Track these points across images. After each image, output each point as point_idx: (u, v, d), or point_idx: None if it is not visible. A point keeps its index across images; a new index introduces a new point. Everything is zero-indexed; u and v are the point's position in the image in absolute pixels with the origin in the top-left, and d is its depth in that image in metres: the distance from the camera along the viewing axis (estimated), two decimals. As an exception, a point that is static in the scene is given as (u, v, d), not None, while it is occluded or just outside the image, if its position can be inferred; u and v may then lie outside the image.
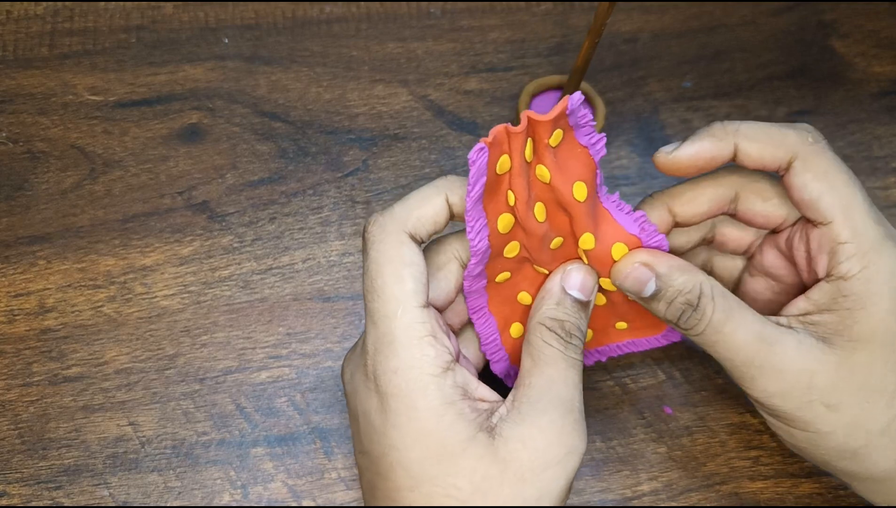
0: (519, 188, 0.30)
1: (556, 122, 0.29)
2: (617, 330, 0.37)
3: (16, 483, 0.38)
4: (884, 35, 0.50)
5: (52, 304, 0.41)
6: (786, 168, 0.31)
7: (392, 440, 0.28)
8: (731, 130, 0.31)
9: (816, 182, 0.30)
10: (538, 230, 0.31)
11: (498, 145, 0.29)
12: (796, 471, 0.39)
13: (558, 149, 0.30)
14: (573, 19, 0.50)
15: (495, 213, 0.31)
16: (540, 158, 0.30)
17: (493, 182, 0.30)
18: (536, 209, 0.31)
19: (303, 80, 0.47)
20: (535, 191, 0.31)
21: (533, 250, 0.32)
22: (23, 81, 0.46)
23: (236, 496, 0.38)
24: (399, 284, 0.29)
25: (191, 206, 0.44)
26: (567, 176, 0.30)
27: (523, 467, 0.28)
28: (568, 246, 0.33)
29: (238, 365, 0.40)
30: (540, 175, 0.30)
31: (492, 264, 0.32)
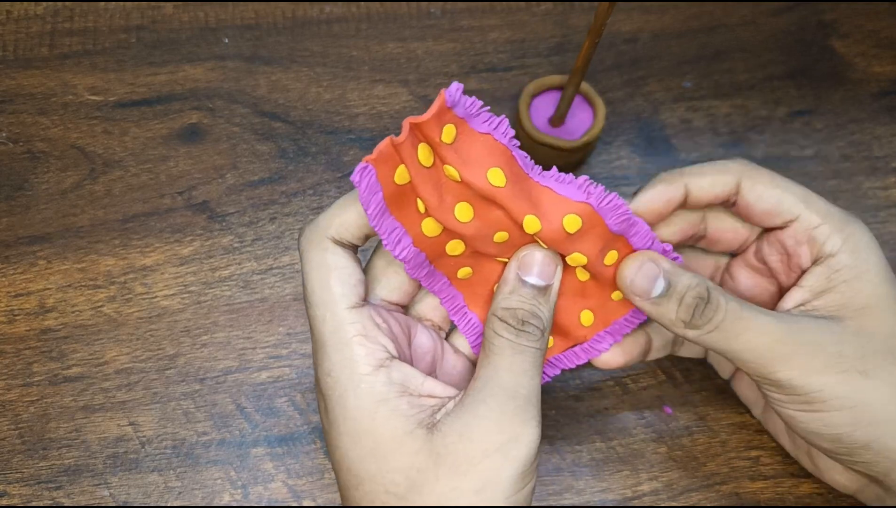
0: (425, 195, 0.29)
1: (439, 118, 0.28)
2: (583, 326, 0.35)
3: (16, 483, 0.38)
4: (884, 35, 0.50)
5: (52, 304, 0.41)
6: (735, 192, 0.33)
7: (334, 440, 0.29)
8: (678, 174, 0.33)
9: (769, 190, 0.32)
10: (466, 231, 0.30)
11: (386, 160, 0.28)
12: (796, 471, 0.39)
13: (457, 144, 0.29)
14: (573, 19, 0.50)
15: (415, 220, 0.30)
16: (442, 158, 0.29)
17: (396, 194, 0.29)
18: (458, 210, 0.30)
19: (303, 80, 0.47)
20: (453, 192, 0.30)
21: (479, 247, 0.31)
22: (23, 81, 0.46)
23: (236, 496, 0.38)
24: (325, 289, 0.29)
25: (191, 206, 0.44)
26: (476, 167, 0.29)
27: (459, 459, 0.27)
28: (514, 237, 0.31)
29: (238, 365, 0.40)
30: (450, 175, 0.29)
31: (441, 263, 0.32)
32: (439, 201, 0.29)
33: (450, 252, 0.31)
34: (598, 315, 0.35)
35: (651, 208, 0.33)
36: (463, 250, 0.32)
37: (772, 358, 0.30)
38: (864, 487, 0.35)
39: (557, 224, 0.30)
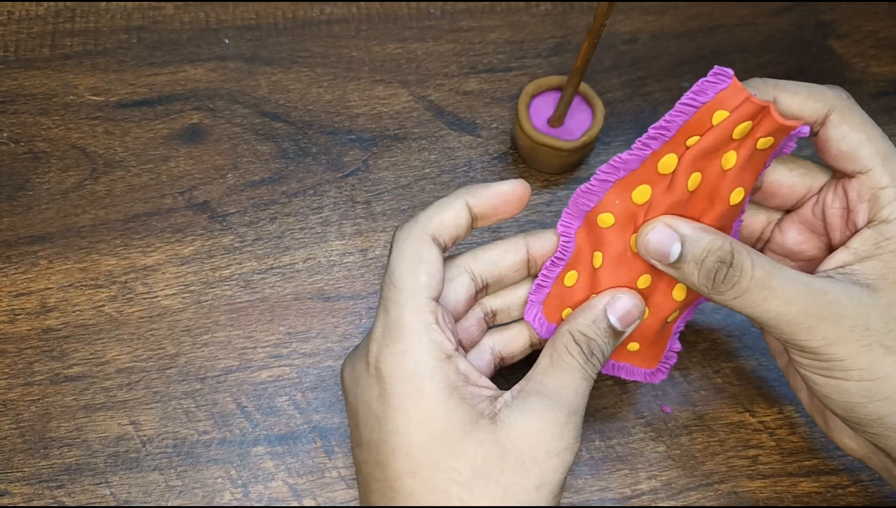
0: (703, 144, 0.31)
1: (781, 129, 0.31)
2: (626, 350, 0.36)
3: (17, 482, 0.38)
4: (882, 35, 0.50)
5: (53, 303, 0.41)
6: (821, 122, 0.32)
7: (394, 424, 0.29)
8: (771, 84, 0.32)
9: (854, 133, 0.31)
10: (678, 191, 0.31)
11: (731, 96, 0.30)
12: (795, 470, 0.39)
13: (758, 153, 0.31)
14: (573, 20, 0.50)
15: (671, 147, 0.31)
16: (741, 145, 0.31)
17: (700, 119, 0.31)
18: (693, 177, 0.31)
19: (303, 80, 0.47)
20: (709, 165, 0.31)
21: (655, 209, 0.32)
22: (24, 82, 0.46)
23: (237, 495, 0.38)
24: (413, 277, 0.30)
25: (192, 206, 0.44)
26: (741, 178, 0.32)
27: (524, 454, 0.29)
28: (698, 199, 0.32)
29: (239, 364, 0.40)
30: (725, 159, 0.31)
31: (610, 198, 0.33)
32: (698, 158, 0.31)
33: (634, 198, 0.32)
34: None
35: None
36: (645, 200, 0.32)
37: (797, 326, 0.30)
38: (872, 454, 0.35)
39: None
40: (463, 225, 0.32)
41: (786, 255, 0.36)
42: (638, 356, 0.36)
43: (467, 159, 0.45)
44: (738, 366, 0.41)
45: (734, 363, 0.41)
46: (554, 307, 0.35)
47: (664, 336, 0.36)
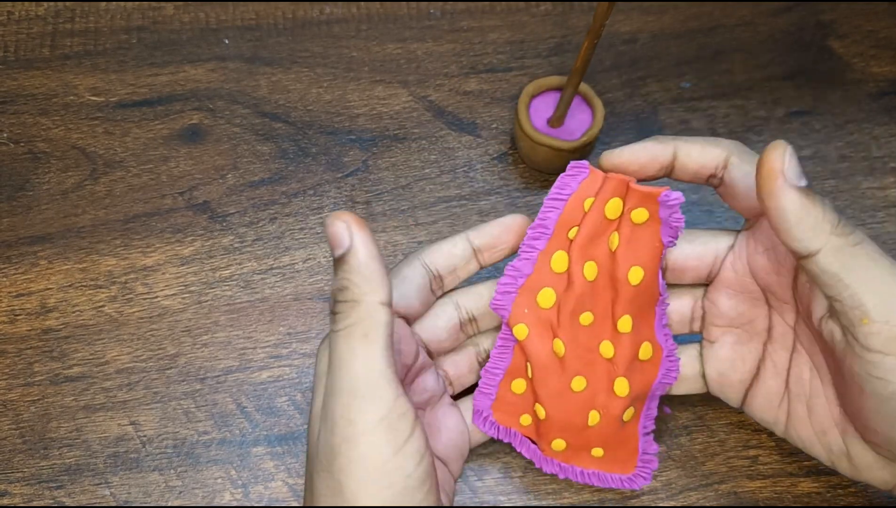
0: (583, 233, 0.32)
1: (646, 198, 0.32)
2: (591, 456, 0.36)
3: (17, 482, 0.38)
4: (882, 35, 0.50)
5: (53, 304, 0.41)
6: (724, 166, 0.32)
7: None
8: (670, 138, 0.33)
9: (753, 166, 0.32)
10: (578, 286, 0.33)
11: (593, 183, 0.32)
12: (795, 470, 0.39)
13: (638, 228, 0.32)
14: (573, 20, 0.50)
15: (557, 243, 0.33)
16: (619, 224, 0.32)
17: (572, 210, 0.33)
18: (587, 267, 0.33)
19: (303, 80, 0.47)
20: (598, 252, 0.33)
21: (563, 309, 0.33)
22: (24, 82, 0.46)
23: (237, 495, 0.38)
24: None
25: (192, 206, 0.44)
26: (632, 256, 0.33)
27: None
28: (595, 329, 0.34)
29: (239, 365, 0.40)
30: (610, 241, 0.33)
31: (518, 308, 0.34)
32: (586, 245, 0.33)
33: (539, 300, 0.34)
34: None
35: (634, 159, 0.32)
36: (550, 305, 0.34)
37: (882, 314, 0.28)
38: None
39: (638, 342, 0.34)
40: (458, 254, 0.34)
41: (729, 326, 0.36)
42: (606, 462, 0.36)
43: (467, 159, 0.45)
44: (738, 366, 0.41)
45: (734, 363, 0.41)
46: (509, 414, 0.36)
47: (629, 437, 0.36)
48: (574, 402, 0.34)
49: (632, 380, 0.34)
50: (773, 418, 0.36)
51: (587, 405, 0.34)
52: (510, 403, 0.36)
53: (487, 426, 0.36)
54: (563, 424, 0.34)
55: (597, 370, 0.34)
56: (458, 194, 0.45)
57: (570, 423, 0.34)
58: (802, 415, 0.34)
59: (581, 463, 0.36)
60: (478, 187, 0.45)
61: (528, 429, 0.36)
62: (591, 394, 0.34)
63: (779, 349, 0.35)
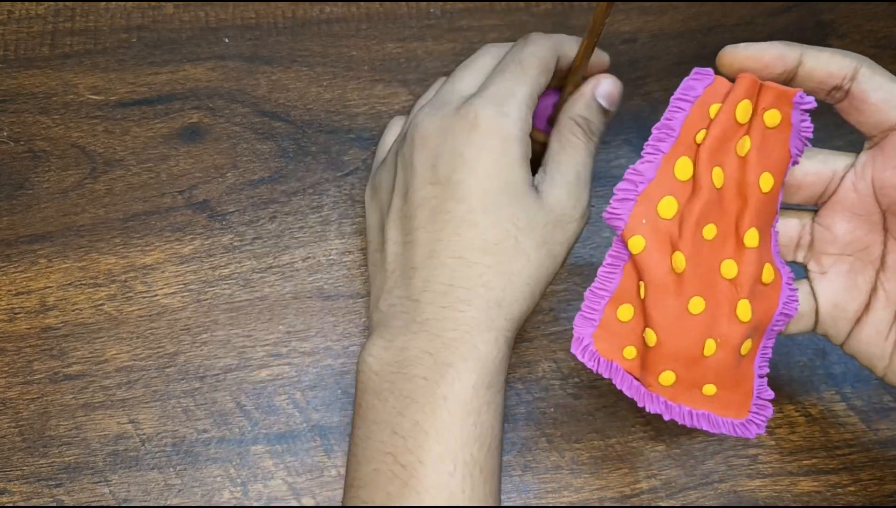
0: (712, 136, 0.30)
1: (780, 97, 0.30)
2: (702, 395, 0.33)
3: (16, 480, 0.38)
4: (882, 35, 0.50)
5: (52, 302, 0.41)
6: (851, 77, 0.31)
7: (482, 168, 0.34)
8: (797, 45, 0.32)
9: (890, 82, 0.31)
10: (705, 192, 0.30)
11: (719, 89, 0.30)
12: (794, 469, 0.39)
13: (769, 132, 0.31)
14: (573, 19, 0.50)
15: (681, 148, 0.31)
16: (750, 128, 0.30)
17: (698, 113, 0.31)
18: (715, 172, 0.30)
19: (303, 79, 0.47)
20: (727, 158, 0.31)
21: (687, 218, 0.30)
22: (24, 81, 0.46)
23: (236, 493, 0.38)
24: (539, 73, 0.37)
25: (191, 205, 0.44)
26: (764, 161, 0.31)
27: (557, 217, 0.35)
28: (718, 245, 0.31)
29: (238, 363, 0.40)
30: (739, 146, 0.30)
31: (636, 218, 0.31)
32: (717, 147, 0.30)
33: (659, 210, 0.31)
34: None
35: (760, 56, 0.31)
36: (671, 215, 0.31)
37: None
38: None
39: (760, 263, 0.32)
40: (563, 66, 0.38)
41: (841, 252, 0.34)
42: (718, 402, 0.33)
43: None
44: (737, 365, 0.41)
45: (734, 362, 0.41)
46: (611, 345, 0.33)
47: (744, 376, 0.33)
48: (690, 326, 0.31)
49: (755, 304, 0.31)
50: (879, 351, 0.34)
51: (705, 331, 0.31)
52: (614, 332, 0.32)
53: (587, 356, 0.32)
54: (676, 352, 0.31)
55: (718, 290, 0.31)
56: (457, 192, 0.45)
57: (683, 351, 0.31)
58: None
59: (690, 402, 0.33)
60: (477, 186, 0.45)
61: (632, 363, 0.33)
62: (710, 318, 0.31)
63: (892, 277, 0.33)
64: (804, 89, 0.31)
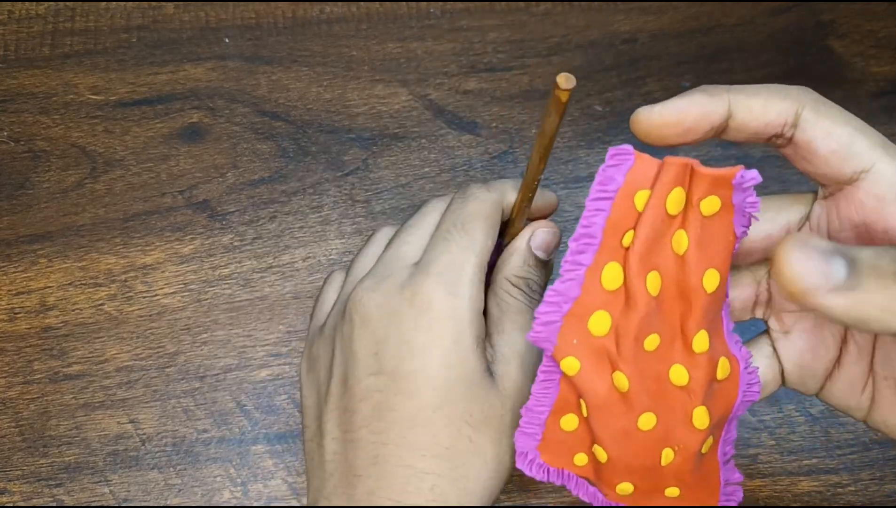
0: (642, 237, 0.26)
1: (716, 183, 0.25)
2: (665, 497, 0.30)
3: (16, 480, 0.38)
4: (882, 35, 0.50)
5: (53, 302, 0.41)
6: (793, 124, 0.26)
7: (430, 358, 0.30)
8: (723, 89, 0.26)
9: (840, 127, 0.26)
10: (642, 305, 0.26)
11: (642, 173, 0.25)
12: (794, 469, 0.39)
13: (708, 221, 0.26)
14: (573, 19, 0.50)
15: (607, 254, 0.26)
16: (685, 221, 0.26)
17: (622, 209, 0.26)
18: (650, 278, 0.26)
19: (303, 79, 0.47)
20: (661, 258, 0.26)
21: (625, 335, 0.27)
22: (24, 81, 0.46)
23: (236, 493, 0.38)
24: (486, 236, 0.32)
25: (192, 205, 0.44)
26: (705, 257, 0.26)
27: (514, 402, 0.31)
28: (663, 354, 0.27)
29: (238, 363, 0.40)
30: (675, 243, 0.26)
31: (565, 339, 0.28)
32: (646, 253, 0.26)
33: (590, 326, 0.27)
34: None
35: (679, 120, 0.26)
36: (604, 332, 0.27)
37: None
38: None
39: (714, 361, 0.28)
40: (507, 213, 0.34)
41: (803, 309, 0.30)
42: (684, 501, 0.31)
43: (467, 158, 0.45)
44: (737, 365, 0.41)
45: (734, 362, 0.41)
46: (559, 454, 0.30)
47: (708, 472, 0.31)
48: (643, 442, 0.28)
49: (711, 407, 0.28)
50: (855, 403, 0.30)
51: (659, 443, 0.28)
52: (560, 442, 0.30)
53: (535, 469, 0.30)
54: (631, 466, 0.29)
55: (669, 402, 0.28)
56: (457, 192, 0.45)
57: (638, 465, 0.29)
58: (890, 399, 0.29)
59: (650, 503, 0.31)
60: (477, 186, 0.45)
61: (585, 469, 0.30)
62: (663, 431, 0.28)
63: None
64: (740, 139, 0.27)
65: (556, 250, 0.34)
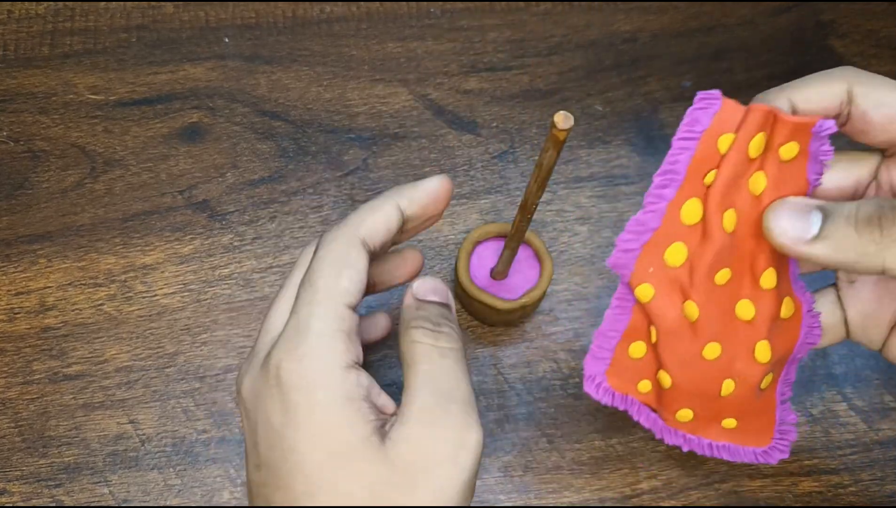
0: (723, 176, 0.27)
1: (796, 130, 0.27)
2: (722, 427, 0.32)
3: (16, 480, 0.38)
4: (882, 35, 0.50)
5: (52, 302, 0.41)
6: (847, 101, 0.28)
7: (292, 441, 0.27)
8: (778, 90, 0.29)
9: (889, 95, 0.28)
10: (717, 239, 0.28)
11: (727, 118, 0.27)
12: (796, 469, 0.39)
13: (785, 166, 0.28)
14: (573, 19, 0.50)
15: (689, 190, 0.28)
16: (764, 162, 0.28)
17: (706, 150, 0.28)
18: (727, 215, 0.28)
19: (303, 79, 0.47)
20: (738, 197, 0.28)
21: (698, 267, 0.28)
22: (24, 81, 0.46)
23: (236, 494, 0.38)
24: (335, 279, 0.28)
25: (191, 204, 0.44)
26: (780, 198, 0.28)
27: (412, 468, 0.27)
28: (732, 288, 0.29)
29: (238, 363, 0.40)
30: (753, 183, 0.28)
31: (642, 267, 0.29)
32: (725, 191, 0.28)
33: (666, 257, 0.29)
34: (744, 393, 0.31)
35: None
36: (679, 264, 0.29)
37: None
38: None
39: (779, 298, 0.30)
40: (394, 228, 0.30)
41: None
42: (739, 433, 0.32)
43: (467, 158, 0.45)
44: (738, 365, 0.41)
45: (734, 362, 0.41)
46: (624, 379, 0.32)
47: (766, 407, 0.32)
48: (707, 370, 0.30)
49: (774, 343, 0.30)
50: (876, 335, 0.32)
51: (722, 373, 0.30)
52: (627, 368, 0.31)
53: (601, 392, 0.32)
54: (692, 393, 0.30)
55: (735, 334, 0.30)
56: (458, 192, 0.44)
57: (700, 392, 0.30)
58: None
59: (710, 435, 0.32)
60: (478, 186, 0.45)
61: (648, 396, 0.32)
62: (727, 361, 0.30)
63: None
64: None
65: (445, 290, 0.31)
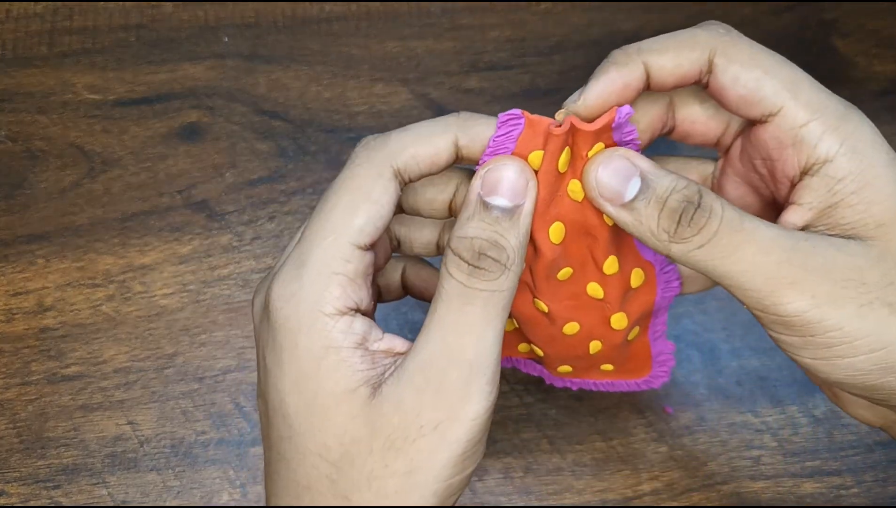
0: (540, 195, 0.27)
1: (598, 134, 0.26)
2: (601, 371, 0.34)
3: (14, 482, 0.37)
4: (885, 34, 0.50)
5: (50, 303, 0.41)
6: (707, 70, 0.26)
7: (276, 380, 0.25)
8: (634, 51, 0.26)
9: (747, 71, 0.26)
10: (548, 252, 0.28)
11: (532, 136, 0.26)
12: (797, 471, 0.39)
13: None
14: (574, 18, 0.49)
15: None
16: (575, 172, 0.27)
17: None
18: (552, 229, 0.28)
19: (302, 78, 0.47)
20: (560, 208, 0.28)
21: (537, 274, 0.29)
22: (22, 80, 0.46)
23: (235, 495, 0.38)
24: (349, 214, 0.25)
25: (190, 205, 0.43)
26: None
27: (395, 434, 0.24)
28: (577, 278, 0.30)
29: (237, 364, 0.40)
30: (572, 191, 0.28)
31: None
32: (544, 210, 0.27)
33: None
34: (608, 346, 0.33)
35: (605, 101, 0.26)
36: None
37: (778, 284, 0.24)
38: (894, 423, 0.31)
39: (627, 274, 0.30)
40: (441, 164, 0.26)
41: (746, 183, 0.30)
42: (618, 373, 0.35)
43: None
44: (740, 366, 0.41)
45: (736, 363, 0.41)
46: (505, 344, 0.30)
47: (638, 350, 0.34)
48: (570, 342, 0.32)
49: (629, 310, 0.31)
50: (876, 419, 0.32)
51: (586, 339, 0.32)
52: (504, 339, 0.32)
53: None
54: (564, 357, 0.33)
55: (589, 311, 0.31)
56: (458, 192, 0.44)
57: (571, 356, 0.33)
58: None
59: (592, 377, 0.35)
60: (478, 186, 0.44)
61: (529, 354, 0.34)
62: (587, 332, 0.31)
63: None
64: (665, 90, 0.27)
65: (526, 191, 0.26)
